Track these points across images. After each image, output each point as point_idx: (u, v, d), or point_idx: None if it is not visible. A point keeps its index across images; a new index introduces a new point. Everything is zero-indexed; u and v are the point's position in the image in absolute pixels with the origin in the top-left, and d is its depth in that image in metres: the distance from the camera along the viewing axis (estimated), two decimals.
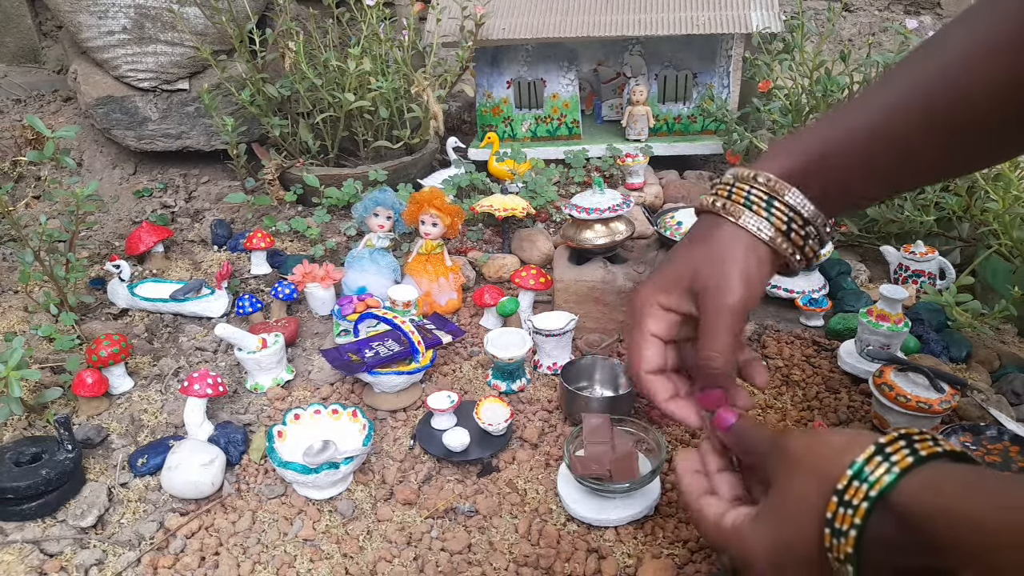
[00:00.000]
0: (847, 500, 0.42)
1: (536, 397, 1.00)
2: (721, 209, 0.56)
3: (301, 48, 1.52)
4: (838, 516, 0.42)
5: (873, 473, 0.41)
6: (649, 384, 0.60)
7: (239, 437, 0.91)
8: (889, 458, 0.42)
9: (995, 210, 1.13)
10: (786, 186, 0.54)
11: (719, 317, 0.55)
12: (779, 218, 0.54)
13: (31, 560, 0.77)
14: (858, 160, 0.54)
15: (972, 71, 0.50)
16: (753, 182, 0.55)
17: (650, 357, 0.59)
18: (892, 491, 0.41)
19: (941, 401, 0.83)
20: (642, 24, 1.59)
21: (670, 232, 1.13)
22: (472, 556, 0.75)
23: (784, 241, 0.55)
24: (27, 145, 1.72)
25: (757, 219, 0.54)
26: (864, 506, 0.41)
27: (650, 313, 0.58)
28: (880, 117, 0.54)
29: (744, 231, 0.54)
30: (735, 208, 0.55)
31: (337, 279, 1.21)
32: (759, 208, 0.54)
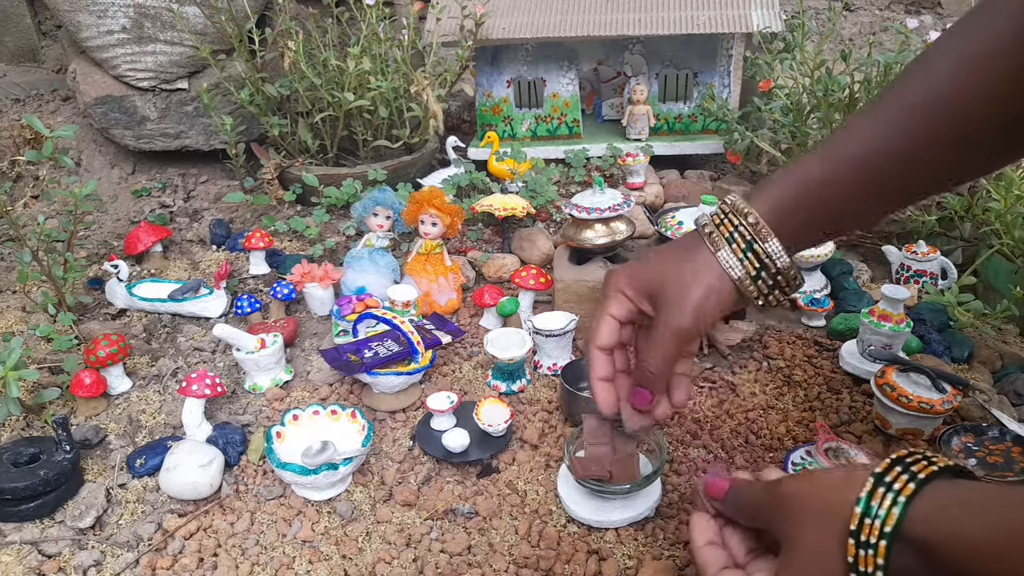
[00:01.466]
0: (864, 540, 0.41)
1: (536, 398, 1.00)
2: (707, 237, 0.59)
3: (300, 47, 1.52)
4: (860, 559, 0.42)
5: (881, 507, 0.41)
6: (593, 358, 0.64)
7: (237, 438, 0.91)
8: (891, 488, 0.42)
9: (997, 210, 1.13)
10: (769, 233, 0.57)
11: (666, 334, 0.59)
12: (751, 263, 0.57)
13: (29, 561, 0.76)
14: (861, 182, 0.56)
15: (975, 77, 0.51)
16: (743, 220, 0.57)
17: (603, 335, 0.63)
18: (904, 522, 0.40)
19: (943, 401, 0.83)
20: (642, 23, 1.59)
21: (671, 232, 1.13)
22: (472, 557, 0.75)
23: (751, 284, 0.58)
24: (26, 144, 1.72)
25: (732, 258, 0.57)
26: (883, 544, 0.41)
27: (615, 297, 0.63)
28: (883, 137, 0.54)
29: (717, 264, 0.58)
30: (718, 240, 0.58)
31: (336, 279, 1.21)
32: (737, 248, 0.57)
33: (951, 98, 0.52)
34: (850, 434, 0.90)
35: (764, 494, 0.52)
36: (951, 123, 0.52)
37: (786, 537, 0.48)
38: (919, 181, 0.56)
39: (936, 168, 0.55)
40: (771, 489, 0.51)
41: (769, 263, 0.57)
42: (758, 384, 1.00)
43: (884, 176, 0.55)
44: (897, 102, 0.55)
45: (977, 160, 0.55)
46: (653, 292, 0.60)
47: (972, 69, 0.51)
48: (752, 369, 1.03)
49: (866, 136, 0.55)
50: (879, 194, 0.56)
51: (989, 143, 0.53)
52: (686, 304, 0.57)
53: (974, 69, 0.51)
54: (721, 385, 1.00)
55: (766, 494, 0.51)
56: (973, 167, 0.58)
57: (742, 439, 0.90)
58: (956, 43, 0.53)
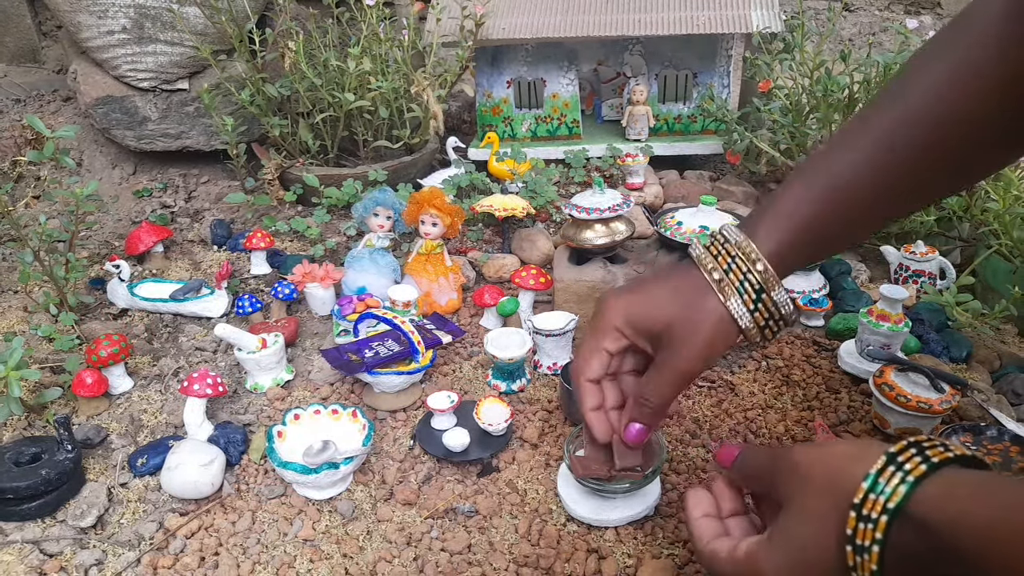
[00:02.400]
0: (865, 514, 0.41)
1: (536, 397, 1.00)
2: (716, 284, 0.58)
3: (301, 48, 1.52)
4: (859, 532, 0.41)
5: (888, 484, 0.41)
6: (583, 390, 0.64)
7: (239, 437, 0.91)
8: (902, 467, 0.42)
9: (995, 210, 1.13)
10: (777, 282, 0.57)
11: (669, 375, 0.59)
12: (761, 314, 0.58)
13: (31, 560, 0.77)
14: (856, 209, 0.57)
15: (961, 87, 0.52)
16: (752, 267, 0.57)
17: (594, 368, 0.63)
18: (909, 501, 0.40)
19: (941, 401, 0.83)
20: (642, 24, 1.59)
21: (670, 232, 1.13)
22: (472, 556, 0.75)
23: (757, 332, 0.59)
24: (27, 145, 1.72)
25: (743, 309, 0.58)
26: (884, 519, 0.40)
27: (610, 333, 0.62)
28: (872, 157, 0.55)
29: (727, 311, 0.58)
30: (728, 288, 0.58)
31: (337, 279, 1.21)
32: (748, 300, 0.58)
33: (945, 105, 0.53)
34: (849, 433, 0.90)
35: (772, 458, 0.52)
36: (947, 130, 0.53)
37: (788, 500, 0.48)
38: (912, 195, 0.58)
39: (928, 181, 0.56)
40: (780, 454, 0.51)
41: (775, 311, 0.58)
42: (757, 384, 1.00)
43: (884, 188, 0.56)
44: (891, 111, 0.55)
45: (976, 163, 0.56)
46: (655, 332, 0.60)
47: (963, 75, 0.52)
48: (751, 369, 1.04)
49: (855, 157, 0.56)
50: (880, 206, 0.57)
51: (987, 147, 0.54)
52: (694, 348, 0.58)
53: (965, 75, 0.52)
54: (720, 385, 1.00)
55: (774, 458, 0.51)
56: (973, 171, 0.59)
57: (741, 438, 0.90)
58: (945, 49, 0.54)
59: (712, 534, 0.55)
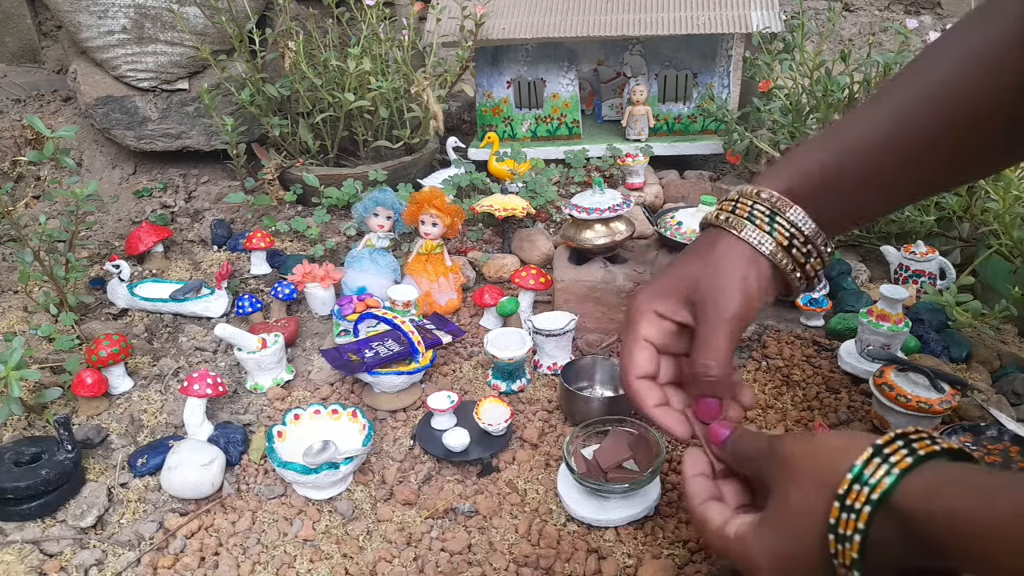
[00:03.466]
0: (849, 505, 0.42)
1: (536, 397, 1.00)
2: (724, 223, 0.56)
3: (301, 48, 1.52)
4: (841, 522, 0.42)
5: (873, 476, 0.41)
6: (637, 388, 0.59)
7: (239, 437, 0.91)
8: (888, 459, 0.42)
9: (995, 210, 1.13)
10: (788, 203, 0.55)
11: (717, 327, 0.55)
12: (781, 233, 0.55)
13: (31, 560, 0.77)
14: (866, 175, 0.55)
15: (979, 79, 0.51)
16: (756, 198, 0.55)
17: (641, 362, 0.58)
18: (893, 493, 0.40)
19: (941, 401, 0.83)
20: (642, 24, 1.59)
21: (670, 232, 1.13)
22: (472, 556, 0.75)
23: (785, 257, 0.56)
24: (27, 145, 1.72)
25: (759, 233, 0.55)
26: (866, 510, 0.41)
27: (644, 318, 0.58)
28: (887, 129, 0.54)
29: (746, 244, 0.55)
30: (738, 222, 0.56)
31: (337, 279, 1.21)
32: (761, 223, 0.55)
33: (958, 94, 0.52)
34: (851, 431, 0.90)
35: (763, 446, 0.52)
36: (957, 118, 0.52)
37: (775, 488, 0.48)
38: (923, 176, 0.56)
39: (940, 164, 0.55)
40: (772, 442, 0.51)
41: (797, 232, 0.55)
42: (757, 384, 1.00)
43: (889, 169, 0.54)
44: (903, 94, 0.54)
45: (981, 158, 0.55)
46: (689, 297, 0.57)
47: (977, 70, 0.51)
48: (751, 369, 1.04)
49: (870, 126, 0.55)
50: (882, 188, 0.56)
51: (994, 142, 0.53)
52: (729, 290, 0.54)
53: (978, 71, 0.51)
54: None
55: (765, 447, 0.51)
56: (977, 165, 0.58)
57: None
58: (961, 43, 0.53)
59: (705, 494, 0.55)
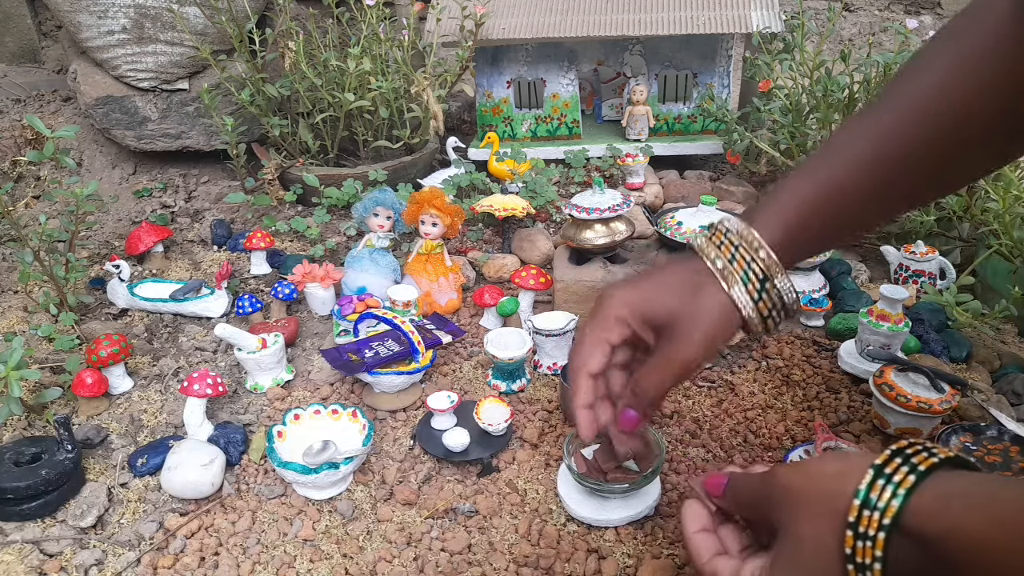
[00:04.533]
0: (862, 532, 0.41)
1: (536, 397, 1.00)
2: (719, 271, 0.58)
3: (301, 48, 1.52)
4: (858, 550, 0.41)
5: (880, 499, 0.41)
6: (581, 383, 0.62)
7: (239, 437, 0.91)
8: (891, 479, 0.42)
9: (995, 210, 1.13)
10: (781, 269, 0.57)
11: (671, 365, 0.58)
12: (765, 303, 0.57)
13: (31, 560, 0.77)
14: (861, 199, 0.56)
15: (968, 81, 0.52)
16: (755, 255, 0.57)
17: (596, 360, 0.62)
18: (903, 514, 0.40)
19: (941, 401, 0.83)
20: (642, 24, 1.59)
21: (670, 232, 1.13)
22: (472, 556, 0.75)
23: (760, 322, 0.58)
24: (27, 145, 1.72)
25: (746, 298, 0.57)
26: (881, 536, 0.41)
27: (613, 324, 0.61)
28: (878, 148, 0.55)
29: (730, 301, 0.57)
30: (731, 277, 0.57)
31: (337, 279, 1.21)
32: (752, 288, 0.57)
33: (948, 99, 0.52)
34: (849, 433, 0.90)
35: (760, 485, 0.51)
36: (950, 124, 0.53)
37: (783, 527, 0.48)
38: (922, 184, 0.56)
39: (937, 170, 0.55)
40: (767, 479, 0.50)
41: (779, 301, 0.58)
42: (757, 384, 1.00)
43: (886, 182, 0.55)
44: (895, 105, 0.55)
45: (976, 160, 0.56)
46: (658, 323, 0.59)
47: (966, 70, 0.52)
48: (751, 369, 1.04)
49: (864, 143, 0.55)
50: (882, 200, 0.56)
51: (988, 143, 0.53)
52: (696, 338, 0.57)
53: (968, 71, 0.51)
54: (720, 384, 1.00)
55: (762, 485, 0.51)
56: (973, 167, 0.58)
57: (741, 438, 0.90)
58: (949, 44, 0.54)
59: (711, 551, 0.54)
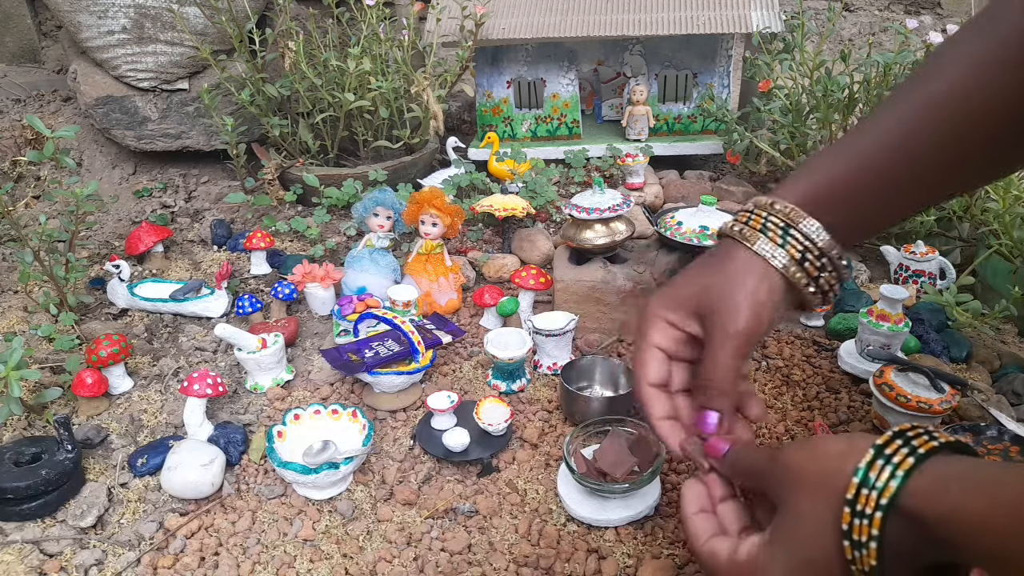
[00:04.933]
0: (860, 510, 0.42)
1: (536, 397, 1.00)
2: (738, 234, 0.56)
3: (301, 48, 1.52)
4: (854, 528, 0.42)
5: (879, 479, 0.41)
6: (647, 396, 0.59)
7: (239, 437, 0.91)
8: (890, 460, 0.42)
9: (995, 210, 1.13)
10: (802, 214, 0.54)
11: (725, 341, 0.54)
12: (794, 247, 0.54)
13: (31, 560, 0.77)
14: (879, 184, 0.55)
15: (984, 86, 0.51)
16: (771, 209, 0.55)
17: (653, 369, 0.58)
18: (901, 495, 0.41)
19: (941, 401, 0.83)
20: (642, 24, 1.59)
21: (670, 232, 1.13)
22: (472, 556, 0.75)
23: (798, 270, 0.55)
24: (27, 145, 1.72)
25: (772, 246, 0.54)
26: (878, 515, 0.41)
27: (655, 326, 0.58)
28: (893, 139, 0.54)
29: (758, 258, 0.54)
30: (751, 234, 0.55)
31: (337, 279, 1.21)
32: (774, 235, 0.54)
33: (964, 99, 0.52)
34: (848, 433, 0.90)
35: (764, 459, 0.51)
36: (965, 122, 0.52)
37: (782, 502, 0.48)
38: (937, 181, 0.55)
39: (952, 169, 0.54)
40: (772, 455, 0.50)
41: (810, 244, 0.54)
42: (757, 384, 1.00)
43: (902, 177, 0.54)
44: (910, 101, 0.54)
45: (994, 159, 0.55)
46: (698, 309, 0.56)
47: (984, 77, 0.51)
48: (751, 369, 1.03)
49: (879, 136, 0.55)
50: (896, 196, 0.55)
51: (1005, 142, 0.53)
52: (739, 304, 0.54)
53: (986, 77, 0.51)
54: None
55: (766, 459, 0.51)
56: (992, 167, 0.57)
57: None
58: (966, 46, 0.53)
59: (708, 532, 0.54)
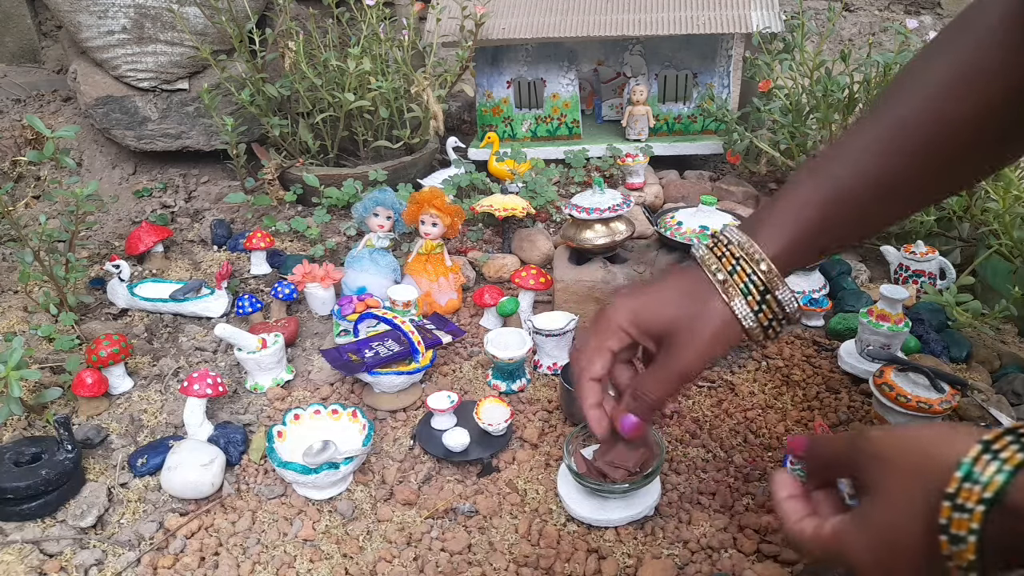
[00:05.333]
0: (960, 504, 0.41)
1: (536, 397, 1.00)
2: (720, 284, 0.59)
3: (301, 48, 1.52)
4: (953, 521, 0.41)
5: (984, 473, 0.41)
6: (585, 388, 0.65)
7: (239, 437, 0.91)
8: (998, 455, 0.41)
9: (995, 210, 1.13)
10: (782, 281, 0.58)
11: (672, 374, 0.60)
12: (765, 315, 0.59)
13: (31, 560, 0.77)
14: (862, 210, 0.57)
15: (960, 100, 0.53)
16: (756, 267, 0.58)
17: (597, 367, 0.64)
18: (1006, 491, 0.40)
19: (941, 401, 0.83)
20: (642, 24, 1.59)
21: (670, 232, 1.13)
22: (472, 556, 0.75)
23: (761, 332, 0.60)
24: (27, 145, 1.72)
25: (747, 310, 0.59)
26: (980, 509, 0.40)
27: (617, 335, 0.63)
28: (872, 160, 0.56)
29: (730, 311, 0.59)
30: (732, 290, 0.59)
31: (337, 279, 1.21)
32: (752, 301, 0.58)
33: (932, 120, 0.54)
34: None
35: (849, 444, 0.51)
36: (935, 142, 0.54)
37: (873, 484, 0.47)
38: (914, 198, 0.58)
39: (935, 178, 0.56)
40: (852, 441, 0.50)
41: (779, 311, 0.59)
42: (757, 384, 1.00)
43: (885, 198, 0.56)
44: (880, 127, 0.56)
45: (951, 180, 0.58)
46: (660, 334, 0.61)
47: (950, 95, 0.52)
48: (751, 369, 1.04)
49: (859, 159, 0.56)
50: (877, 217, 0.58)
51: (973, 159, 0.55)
52: (697, 349, 0.59)
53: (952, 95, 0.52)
54: (720, 385, 1.00)
55: (852, 443, 0.51)
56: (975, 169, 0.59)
57: (741, 438, 0.90)
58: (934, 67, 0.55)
59: (800, 513, 0.54)
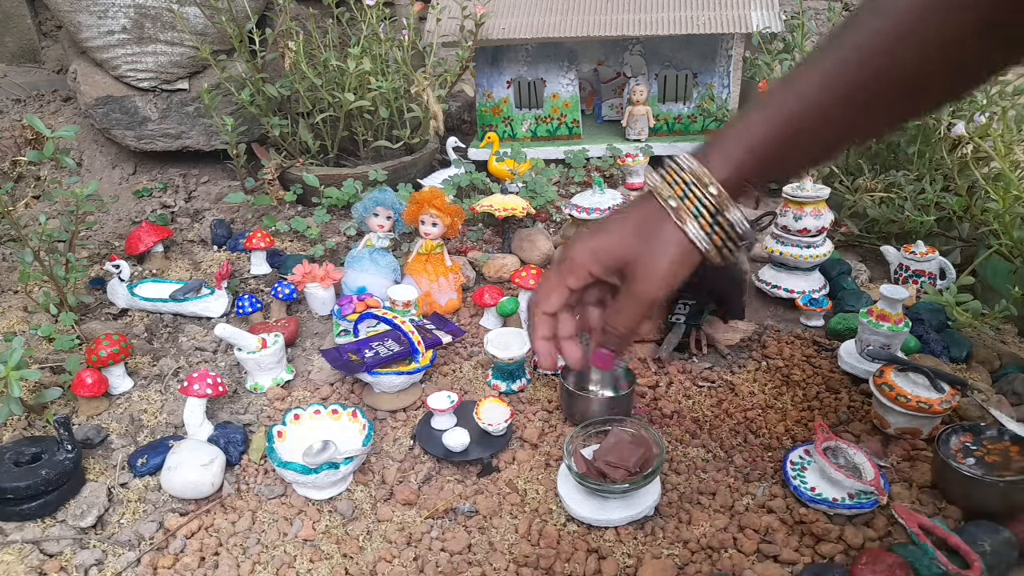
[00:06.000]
0: None
1: (536, 397, 1.00)
2: (672, 210, 0.61)
3: (301, 48, 1.52)
4: None
5: None
6: (539, 320, 0.68)
7: (239, 437, 0.91)
8: None
9: (995, 210, 1.13)
10: (730, 202, 0.60)
11: (637, 302, 0.62)
12: (719, 235, 0.60)
13: (31, 560, 0.77)
14: (811, 136, 0.58)
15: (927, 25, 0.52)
16: (705, 190, 0.60)
17: (552, 302, 0.66)
18: None
19: (941, 401, 0.83)
20: (642, 24, 1.59)
21: None
22: (472, 556, 0.75)
23: (716, 253, 0.61)
24: (27, 145, 1.72)
25: (700, 232, 0.60)
26: None
27: (575, 273, 0.65)
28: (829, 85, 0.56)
29: (685, 236, 0.61)
30: (684, 215, 0.60)
31: (337, 279, 1.21)
32: (704, 223, 0.60)
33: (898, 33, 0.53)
34: (849, 433, 0.90)
35: None
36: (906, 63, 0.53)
37: None
38: (870, 122, 0.58)
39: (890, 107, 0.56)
40: None
41: (731, 231, 0.60)
42: (757, 384, 1.00)
43: (835, 123, 0.57)
44: (850, 43, 0.56)
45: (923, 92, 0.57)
46: (620, 267, 0.63)
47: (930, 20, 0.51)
48: (751, 369, 1.04)
49: (807, 89, 0.57)
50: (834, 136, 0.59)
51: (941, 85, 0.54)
52: (656, 275, 0.61)
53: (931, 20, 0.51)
54: (720, 385, 1.00)
55: None
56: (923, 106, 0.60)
57: (741, 438, 0.90)
58: None
59: None
